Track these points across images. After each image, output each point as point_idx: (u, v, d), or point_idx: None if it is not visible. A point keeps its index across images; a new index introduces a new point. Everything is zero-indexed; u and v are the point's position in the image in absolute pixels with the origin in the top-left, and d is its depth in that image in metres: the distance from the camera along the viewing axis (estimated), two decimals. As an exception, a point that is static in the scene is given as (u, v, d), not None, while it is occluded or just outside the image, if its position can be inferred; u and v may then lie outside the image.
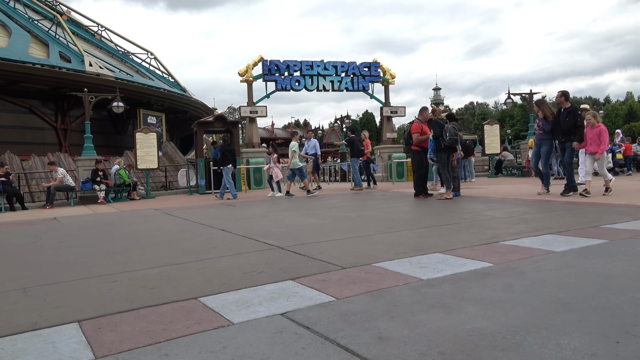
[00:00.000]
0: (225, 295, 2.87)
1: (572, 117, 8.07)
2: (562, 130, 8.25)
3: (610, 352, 1.79)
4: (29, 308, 2.81)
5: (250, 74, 18.06)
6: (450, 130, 8.94)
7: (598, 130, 7.74)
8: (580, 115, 8.08)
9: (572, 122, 8.04)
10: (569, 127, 8.11)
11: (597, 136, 7.73)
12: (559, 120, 8.31)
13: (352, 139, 13.69)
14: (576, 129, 8.03)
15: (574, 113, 8.11)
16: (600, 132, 7.71)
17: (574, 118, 8.04)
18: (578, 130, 8.01)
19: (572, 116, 8.08)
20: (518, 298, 2.53)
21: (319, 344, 2.02)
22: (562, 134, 8.28)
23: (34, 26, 25.46)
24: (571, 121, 8.06)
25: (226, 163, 12.44)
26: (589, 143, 7.90)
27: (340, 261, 3.67)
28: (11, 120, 22.31)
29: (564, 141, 8.30)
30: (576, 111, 8.15)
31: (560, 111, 8.39)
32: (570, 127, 8.09)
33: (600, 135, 7.70)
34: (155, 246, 5.06)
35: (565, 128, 8.19)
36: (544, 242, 4.07)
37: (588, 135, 7.89)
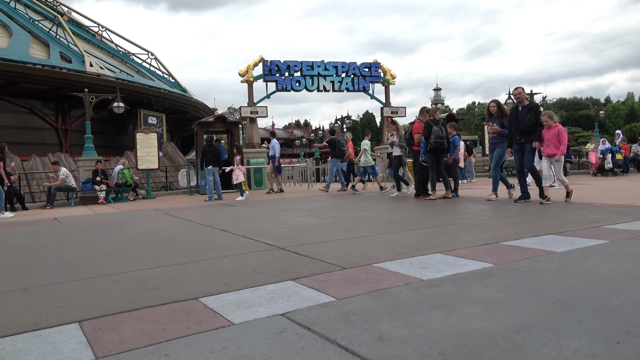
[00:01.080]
0: (226, 295, 2.87)
1: (532, 114, 7.47)
2: (522, 130, 7.55)
3: (611, 353, 1.79)
4: (29, 308, 2.81)
5: (251, 75, 18.07)
6: (436, 133, 8.79)
7: (556, 130, 7.22)
8: (541, 112, 7.56)
9: (533, 120, 7.43)
10: (530, 126, 7.46)
11: (555, 137, 7.20)
12: (517, 119, 7.63)
13: (333, 140, 13.64)
14: (536, 128, 7.40)
15: (535, 110, 7.52)
16: (558, 133, 7.21)
17: (534, 116, 7.43)
18: (538, 129, 7.39)
19: (532, 114, 7.48)
20: (518, 298, 2.53)
21: (320, 345, 2.02)
22: (521, 134, 7.57)
23: (35, 26, 25.48)
24: (532, 119, 7.44)
25: (207, 164, 12.44)
26: (545, 145, 7.33)
27: (341, 261, 3.67)
28: (12, 121, 22.32)
29: (523, 142, 7.57)
30: (537, 108, 7.61)
31: (517, 109, 7.73)
32: (531, 126, 7.45)
33: (558, 136, 7.20)
34: (155, 246, 5.06)
35: (526, 127, 7.50)
36: (544, 242, 4.07)
37: (545, 137, 7.33)
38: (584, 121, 66.87)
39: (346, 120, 30.79)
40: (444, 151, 9.05)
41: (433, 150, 8.96)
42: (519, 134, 7.57)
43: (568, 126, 61.43)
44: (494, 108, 8.25)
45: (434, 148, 8.94)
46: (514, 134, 7.68)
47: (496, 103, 8.29)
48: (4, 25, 24.02)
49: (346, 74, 19.05)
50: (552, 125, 7.27)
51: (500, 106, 8.26)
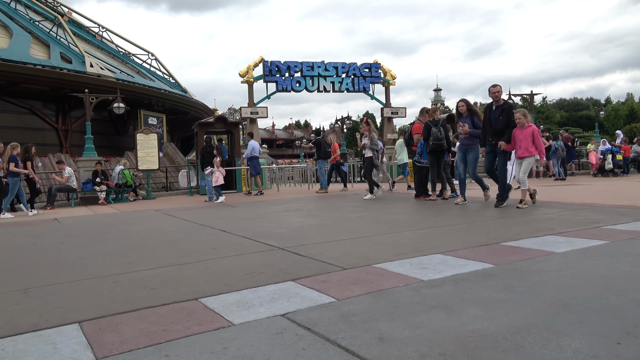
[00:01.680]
0: (226, 296, 2.87)
1: (506, 115, 7.10)
2: (494, 131, 7.16)
3: (612, 354, 1.79)
4: (29, 309, 2.81)
5: (251, 75, 18.08)
6: (434, 134, 8.73)
7: (530, 131, 6.82)
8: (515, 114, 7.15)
9: (507, 121, 7.05)
10: (503, 127, 7.08)
11: (529, 138, 6.79)
12: (490, 120, 7.26)
13: (319, 141, 13.63)
14: (508, 129, 7.04)
15: (509, 111, 7.14)
16: (533, 134, 6.80)
17: (507, 117, 7.06)
18: (509, 130, 7.02)
19: (506, 114, 7.10)
20: (519, 299, 2.52)
21: (320, 345, 2.02)
22: (494, 136, 7.17)
23: (35, 27, 25.49)
24: (505, 120, 7.07)
25: (206, 165, 12.43)
26: (518, 146, 6.89)
27: (341, 262, 3.66)
28: (12, 121, 22.32)
29: (495, 144, 7.18)
30: (511, 108, 7.23)
31: (492, 108, 7.32)
32: (504, 127, 7.07)
33: (533, 137, 6.79)
34: (155, 247, 5.06)
35: (499, 128, 7.13)
36: (544, 243, 4.07)
37: (517, 137, 6.91)
38: (584, 122, 66.91)
39: (346, 121, 30.77)
40: (443, 152, 9.00)
41: (432, 152, 8.95)
42: (491, 135, 7.22)
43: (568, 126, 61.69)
44: (463, 108, 7.91)
45: (433, 150, 8.93)
46: (486, 135, 7.34)
47: (465, 102, 7.97)
48: (4, 25, 24.03)
49: (346, 74, 19.07)
50: (525, 124, 6.87)
51: (470, 105, 7.98)
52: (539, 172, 16.68)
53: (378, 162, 10.58)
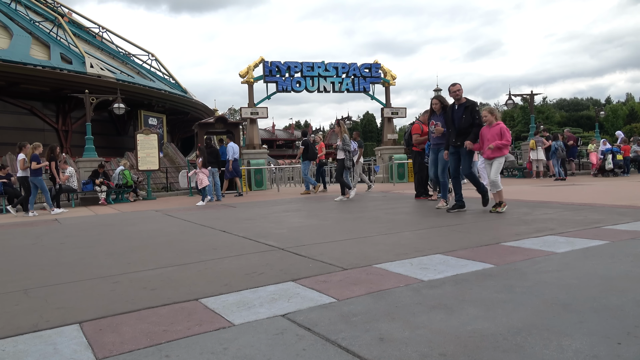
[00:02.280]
0: (226, 296, 2.87)
1: (469, 113, 6.62)
2: (458, 131, 6.71)
3: (612, 354, 1.79)
4: (30, 309, 2.81)
5: (251, 75, 18.07)
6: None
7: (498, 129, 6.39)
8: (479, 112, 6.72)
9: (470, 120, 6.59)
10: (467, 127, 6.61)
11: (497, 137, 6.39)
12: (453, 119, 6.81)
13: (306, 142, 13.61)
14: (473, 128, 6.57)
15: (472, 109, 6.66)
16: (501, 132, 6.37)
17: (471, 115, 6.59)
18: (475, 129, 6.56)
19: (469, 113, 6.63)
20: (519, 299, 2.52)
21: (320, 345, 2.02)
22: (457, 136, 6.71)
23: (35, 28, 25.49)
24: (468, 119, 6.60)
25: (206, 166, 12.45)
26: (486, 146, 6.45)
27: (341, 262, 3.66)
28: (12, 122, 22.33)
29: (459, 145, 6.73)
30: (474, 107, 6.76)
31: (454, 108, 6.87)
32: (468, 127, 6.60)
33: (501, 135, 6.38)
34: (156, 247, 5.06)
35: (462, 128, 6.65)
36: (545, 243, 4.07)
37: (485, 137, 6.48)
38: (584, 122, 66.89)
39: (347, 121, 30.81)
40: None
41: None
42: (455, 135, 6.76)
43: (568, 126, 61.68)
44: (436, 105, 7.43)
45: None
46: (450, 136, 6.92)
47: (439, 100, 7.48)
48: (4, 26, 24.04)
49: (346, 74, 19.05)
50: (493, 122, 6.44)
51: (445, 103, 7.40)
52: (539, 172, 16.67)
53: (350, 164, 10.53)
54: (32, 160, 10.67)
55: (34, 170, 10.71)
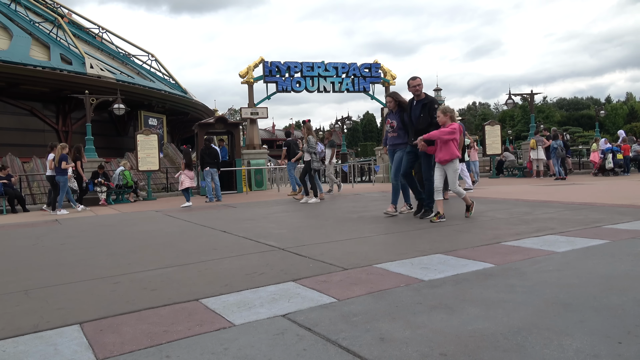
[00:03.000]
0: (227, 296, 2.87)
1: (427, 111, 6.10)
2: (416, 130, 6.19)
3: (613, 353, 1.79)
4: (30, 310, 2.81)
5: (251, 76, 18.07)
6: None
7: (450, 130, 5.74)
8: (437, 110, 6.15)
9: (428, 119, 6.06)
10: (425, 127, 6.03)
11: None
12: (411, 117, 6.34)
13: (289, 143, 13.61)
14: (431, 128, 5.97)
15: (430, 106, 6.12)
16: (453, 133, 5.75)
17: (429, 113, 6.05)
18: (432, 128, 5.97)
19: (427, 110, 6.11)
20: (520, 299, 2.52)
21: (321, 346, 2.02)
22: (415, 135, 6.19)
23: (35, 29, 25.50)
24: (427, 118, 6.08)
25: (204, 166, 12.49)
26: (438, 148, 5.81)
27: (342, 262, 3.66)
28: (12, 123, 22.34)
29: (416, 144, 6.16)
30: (432, 104, 6.24)
31: (412, 104, 6.38)
32: (427, 127, 6.02)
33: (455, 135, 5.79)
34: (156, 248, 5.06)
35: (420, 127, 6.11)
36: (545, 242, 4.06)
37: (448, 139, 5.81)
38: (585, 121, 66.89)
39: (346, 121, 30.80)
40: None
41: None
42: (413, 135, 6.29)
43: (568, 126, 61.70)
44: (390, 103, 6.82)
45: None
46: (409, 135, 6.48)
47: (392, 97, 6.84)
48: (4, 27, 24.05)
49: (346, 74, 19.06)
50: (447, 123, 5.79)
51: (399, 99, 6.79)
52: (540, 172, 16.67)
53: (316, 166, 10.43)
54: (61, 160, 11.15)
55: (61, 170, 11.18)
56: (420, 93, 6.37)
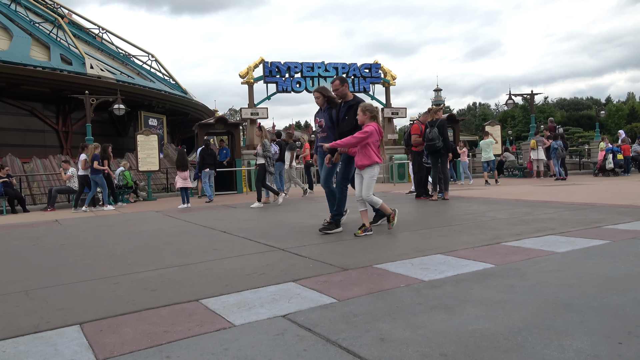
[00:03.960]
0: (227, 297, 2.87)
1: (352, 114, 5.48)
2: (340, 133, 5.61)
3: (613, 353, 1.78)
4: (30, 310, 2.81)
5: (251, 76, 18.07)
6: (426, 135, 8.88)
7: (359, 137, 5.04)
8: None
9: (353, 122, 5.44)
10: (349, 130, 5.42)
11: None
12: (337, 119, 5.76)
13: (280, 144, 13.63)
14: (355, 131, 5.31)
15: (356, 109, 5.41)
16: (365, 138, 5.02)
17: (354, 116, 5.37)
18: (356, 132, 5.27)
19: (352, 113, 5.49)
20: (520, 299, 2.52)
21: (321, 346, 2.02)
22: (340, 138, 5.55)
23: (35, 29, 25.50)
24: (351, 120, 5.49)
25: (204, 167, 12.54)
26: (357, 151, 5.16)
27: (342, 262, 3.66)
28: (12, 123, 22.34)
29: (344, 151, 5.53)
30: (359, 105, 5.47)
31: (340, 106, 5.79)
32: (351, 130, 5.38)
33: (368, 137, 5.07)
34: (156, 248, 5.06)
35: (344, 130, 5.52)
36: (545, 242, 4.06)
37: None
38: (585, 121, 66.86)
39: (347, 122, 30.78)
40: (439, 152, 9.01)
41: (429, 152, 9.07)
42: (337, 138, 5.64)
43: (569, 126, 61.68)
44: (318, 99, 6.07)
45: (428, 150, 9.05)
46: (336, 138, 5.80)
47: (320, 93, 6.08)
48: (4, 27, 24.05)
49: (346, 75, 19.06)
50: (366, 122, 5.15)
51: (329, 95, 6.02)
52: (540, 172, 16.67)
53: (271, 169, 10.23)
54: (93, 160, 11.52)
55: (95, 169, 11.56)
56: (344, 94, 5.76)
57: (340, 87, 5.76)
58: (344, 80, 5.89)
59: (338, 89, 5.76)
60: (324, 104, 6.10)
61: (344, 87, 5.77)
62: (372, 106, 5.28)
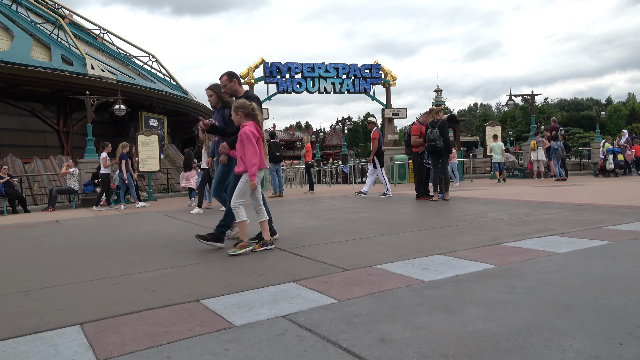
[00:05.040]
0: (227, 297, 2.87)
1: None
2: (229, 134, 5.00)
3: (614, 354, 1.78)
4: (31, 310, 2.81)
5: (252, 77, 18.07)
6: (427, 136, 8.94)
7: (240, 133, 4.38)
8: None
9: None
10: (234, 131, 4.71)
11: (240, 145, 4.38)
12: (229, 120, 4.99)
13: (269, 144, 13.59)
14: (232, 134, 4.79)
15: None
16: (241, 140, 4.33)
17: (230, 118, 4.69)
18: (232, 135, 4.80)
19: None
20: (520, 300, 2.52)
21: (321, 346, 2.02)
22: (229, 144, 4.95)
23: (36, 29, 25.52)
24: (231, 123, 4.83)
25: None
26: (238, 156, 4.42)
27: (342, 263, 3.66)
28: (13, 123, 22.35)
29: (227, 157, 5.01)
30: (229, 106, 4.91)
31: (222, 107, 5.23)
32: (235, 131, 4.63)
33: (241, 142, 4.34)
34: (157, 249, 5.06)
35: (234, 131, 4.76)
36: (546, 243, 4.06)
37: (237, 146, 4.43)
38: (585, 122, 66.84)
39: (347, 122, 30.80)
40: (440, 153, 9.01)
41: (430, 153, 9.09)
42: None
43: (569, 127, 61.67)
44: (212, 97, 5.37)
45: (429, 151, 9.06)
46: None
47: (213, 90, 5.32)
48: (5, 28, 24.07)
49: (347, 75, 19.07)
50: (242, 123, 4.43)
51: (220, 94, 5.29)
52: (540, 173, 16.66)
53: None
54: (121, 159, 11.92)
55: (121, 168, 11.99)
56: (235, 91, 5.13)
57: (229, 82, 5.09)
58: (233, 75, 5.18)
59: (226, 85, 5.11)
60: (217, 102, 5.39)
61: (233, 83, 5.10)
62: (245, 103, 4.47)
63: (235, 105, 4.48)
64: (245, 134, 4.30)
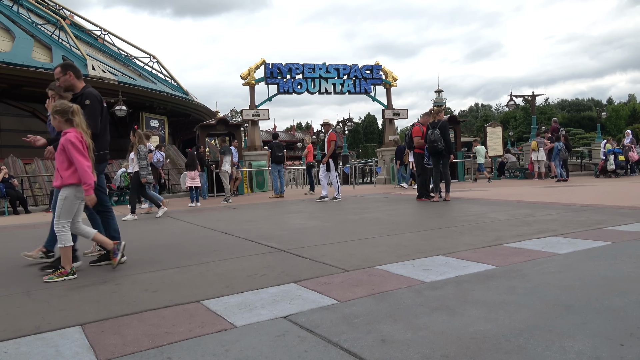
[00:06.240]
0: (228, 298, 2.87)
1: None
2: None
3: (615, 355, 1.78)
4: (32, 311, 2.81)
5: (253, 77, 18.09)
6: (428, 136, 8.96)
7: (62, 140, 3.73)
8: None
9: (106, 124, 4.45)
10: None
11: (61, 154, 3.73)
12: None
13: (271, 145, 13.61)
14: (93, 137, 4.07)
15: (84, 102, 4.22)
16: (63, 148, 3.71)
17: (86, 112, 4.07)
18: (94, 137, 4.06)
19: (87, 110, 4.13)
20: (521, 300, 2.52)
21: (322, 347, 2.02)
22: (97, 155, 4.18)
23: (37, 30, 25.58)
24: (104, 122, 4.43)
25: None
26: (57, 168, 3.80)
27: (343, 264, 3.66)
28: (14, 124, 22.40)
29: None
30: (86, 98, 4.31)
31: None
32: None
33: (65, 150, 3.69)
34: (157, 249, 5.06)
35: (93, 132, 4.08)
36: (547, 244, 4.06)
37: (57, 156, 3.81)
38: (586, 122, 66.82)
39: (348, 123, 30.79)
40: (441, 153, 9.01)
41: (431, 154, 9.09)
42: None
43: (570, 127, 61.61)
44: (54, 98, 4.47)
45: (429, 151, 9.06)
46: None
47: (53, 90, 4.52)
48: (6, 29, 24.12)
49: (348, 76, 19.07)
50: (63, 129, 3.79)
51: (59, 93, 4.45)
52: (541, 173, 16.65)
53: (149, 178, 9.34)
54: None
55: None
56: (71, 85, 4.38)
57: (62, 75, 4.30)
58: (67, 67, 4.39)
59: (59, 78, 4.31)
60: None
61: (68, 76, 4.31)
62: (64, 105, 3.78)
63: (54, 109, 3.77)
64: (68, 141, 3.59)
